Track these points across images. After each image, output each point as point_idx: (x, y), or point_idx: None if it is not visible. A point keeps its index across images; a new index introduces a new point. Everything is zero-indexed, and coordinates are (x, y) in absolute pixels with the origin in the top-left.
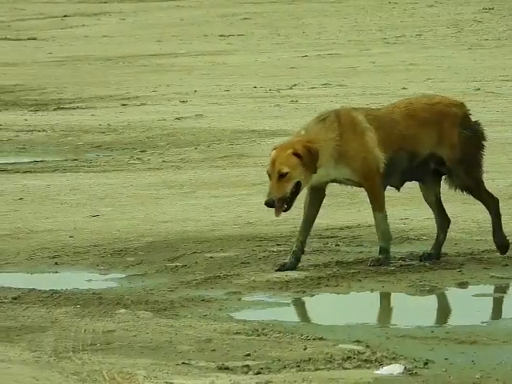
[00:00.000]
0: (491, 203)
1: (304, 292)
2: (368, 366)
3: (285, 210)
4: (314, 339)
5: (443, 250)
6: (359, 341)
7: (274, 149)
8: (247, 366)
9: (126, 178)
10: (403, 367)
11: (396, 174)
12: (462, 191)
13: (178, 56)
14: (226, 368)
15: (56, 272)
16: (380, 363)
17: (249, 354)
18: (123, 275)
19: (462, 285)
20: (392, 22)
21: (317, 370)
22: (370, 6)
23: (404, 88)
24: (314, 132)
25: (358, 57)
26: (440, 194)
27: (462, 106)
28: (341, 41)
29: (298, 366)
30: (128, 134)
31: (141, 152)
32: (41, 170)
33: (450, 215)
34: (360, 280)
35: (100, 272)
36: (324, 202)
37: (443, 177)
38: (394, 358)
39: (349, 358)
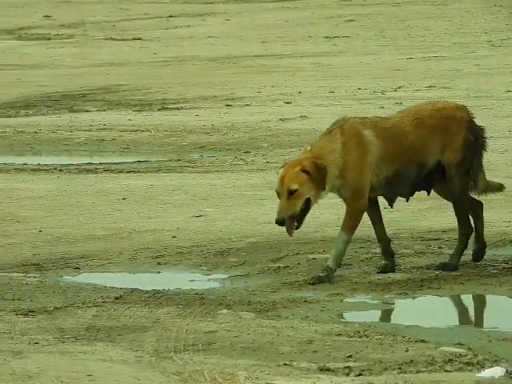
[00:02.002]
0: (463, 229)
1: (406, 294)
2: (470, 368)
3: (296, 228)
4: (415, 341)
5: None
6: (461, 343)
7: (282, 167)
8: (348, 367)
9: (229, 179)
10: (505, 370)
11: (405, 185)
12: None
13: (282, 57)
14: (328, 369)
15: (158, 272)
16: (482, 366)
17: (350, 356)
18: (226, 276)
19: None
20: (497, 24)
21: (418, 372)
22: (476, 9)
23: (508, 91)
24: (319, 147)
25: (462, 59)
26: None
27: (466, 109)
28: (445, 43)
29: (400, 368)
30: (232, 135)
31: (244, 153)
32: (144, 170)
33: None
34: (462, 283)
35: (202, 272)
36: (426, 205)
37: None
38: (495, 361)
39: (450, 360)
